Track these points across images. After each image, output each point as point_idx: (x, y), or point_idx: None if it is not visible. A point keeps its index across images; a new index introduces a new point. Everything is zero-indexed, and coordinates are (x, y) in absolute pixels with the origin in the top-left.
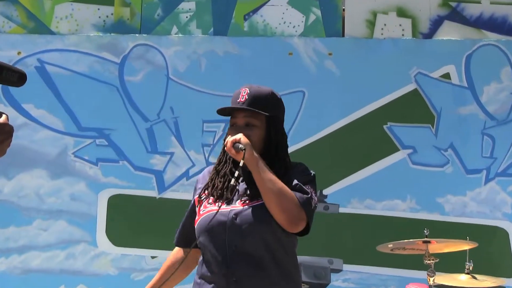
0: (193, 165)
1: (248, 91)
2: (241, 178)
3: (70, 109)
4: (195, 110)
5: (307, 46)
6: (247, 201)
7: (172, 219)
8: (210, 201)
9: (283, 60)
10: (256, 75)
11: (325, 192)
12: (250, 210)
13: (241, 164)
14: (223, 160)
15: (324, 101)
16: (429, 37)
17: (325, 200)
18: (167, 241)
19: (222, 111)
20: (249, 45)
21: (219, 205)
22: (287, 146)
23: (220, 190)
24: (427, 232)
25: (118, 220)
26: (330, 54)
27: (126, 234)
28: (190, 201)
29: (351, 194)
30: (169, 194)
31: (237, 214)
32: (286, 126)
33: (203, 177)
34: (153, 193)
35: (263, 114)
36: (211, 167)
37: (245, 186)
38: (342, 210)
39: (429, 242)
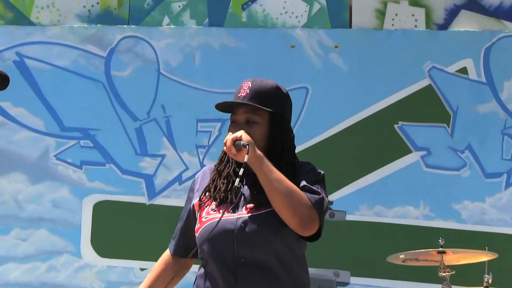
0: (187, 168)
1: (250, 85)
2: (244, 181)
3: (52, 108)
4: (189, 108)
5: (311, 38)
6: (254, 208)
7: (163, 227)
8: (213, 206)
9: (284, 53)
10: (255, 70)
11: (330, 198)
12: (259, 217)
13: (245, 160)
14: (225, 160)
15: (329, 99)
16: (445, 28)
17: (331, 206)
18: (157, 251)
19: (220, 107)
20: (248, 37)
21: (224, 211)
22: (294, 147)
23: (224, 193)
24: (442, 241)
25: (104, 228)
26: (336, 47)
27: (113, 244)
28: (184, 207)
29: (359, 200)
30: (160, 201)
31: (245, 222)
32: None
33: (203, 177)
34: (142, 199)
35: (265, 110)
36: (211, 166)
37: (251, 189)
38: (349, 217)
39: (444, 252)
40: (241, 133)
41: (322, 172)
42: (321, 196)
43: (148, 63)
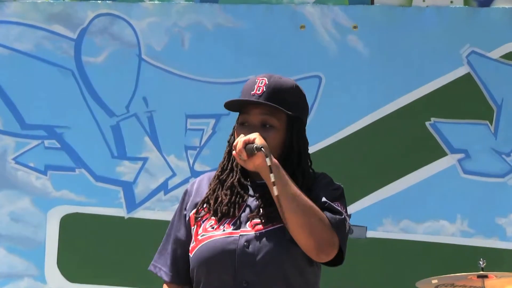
0: (174, 174)
1: (267, 82)
2: (250, 191)
3: (11, 101)
4: (176, 101)
5: (325, 16)
6: (260, 224)
7: (145, 245)
8: (212, 222)
9: (292, 35)
10: (256, 56)
11: (348, 210)
12: (266, 235)
13: (268, 163)
14: (228, 168)
15: (346, 90)
16: (487, 4)
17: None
18: (138, 275)
19: (231, 105)
20: (248, 15)
21: (225, 227)
22: (309, 155)
23: (226, 207)
24: (483, 263)
25: (73, 247)
26: (355, 27)
27: (84, 266)
28: (172, 222)
29: (382, 213)
30: (141, 213)
31: (249, 241)
32: None
33: (199, 187)
34: (120, 212)
35: (285, 113)
36: (210, 174)
37: (257, 203)
38: (370, 234)
39: (485, 276)
40: (255, 135)
41: (341, 186)
42: (343, 216)
43: (127, 46)
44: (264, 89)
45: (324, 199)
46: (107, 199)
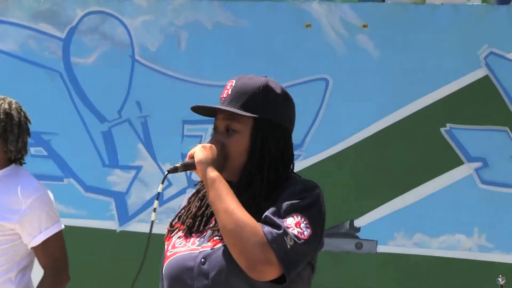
0: (169, 184)
1: (234, 84)
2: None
3: None
4: (172, 106)
5: (332, 14)
6: (219, 238)
7: (138, 261)
8: (182, 236)
9: (297, 35)
10: (258, 57)
11: (357, 223)
12: (221, 251)
13: (159, 189)
14: None
15: (355, 94)
16: (507, 2)
17: (357, 234)
18: None
19: (199, 111)
20: (249, 13)
21: (190, 242)
22: (288, 161)
23: (191, 220)
24: (502, 280)
25: None
26: (364, 26)
27: (73, 283)
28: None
29: (394, 226)
30: (134, 226)
31: (206, 257)
32: (302, 129)
33: (184, 200)
34: (111, 225)
35: (248, 116)
36: None
37: None
38: (381, 248)
39: None
40: (197, 147)
41: (317, 193)
42: (282, 231)
43: (119, 47)
44: (229, 93)
45: (270, 211)
46: (97, 211)
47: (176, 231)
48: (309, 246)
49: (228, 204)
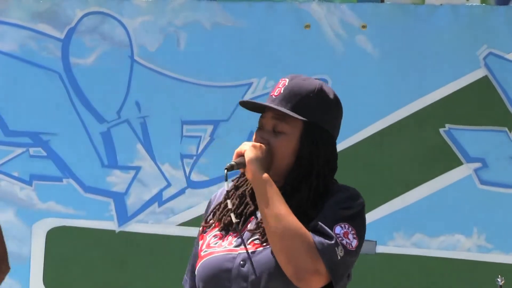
0: (168, 184)
1: (287, 83)
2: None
3: None
4: (171, 106)
5: (332, 15)
6: (259, 241)
7: (137, 261)
8: (218, 234)
9: (296, 35)
10: (257, 57)
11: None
12: (262, 254)
13: (227, 188)
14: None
15: (354, 94)
16: (506, 2)
17: None
18: None
19: (246, 105)
20: (249, 13)
21: (227, 243)
22: (334, 169)
23: (229, 217)
24: (501, 281)
25: (60, 262)
26: (363, 26)
27: (71, 284)
28: (167, 236)
29: (393, 227)
30: (133, 226)
31: (245, 260)
32: None
33: (220, 196)
34: (111, 225)
35: (299, 119)
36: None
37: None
38: (380, 249)
39: None
40: (246, 146)
41: (361, 203)
42: (334, 242)
43: (118, 47)
44: (281, 91)
45: (322, 220)
46: (96, 211)
47: (210, 228)
48: (355, 257)
49: (279, 209)
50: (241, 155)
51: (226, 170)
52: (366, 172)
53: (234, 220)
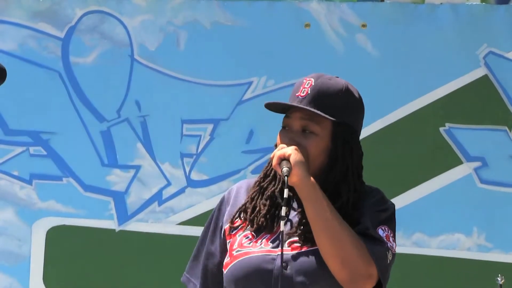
0: (168, 183)
1: (313, 83)
2: (295, 204)
3: None
4: (171, 105)
5: (331, 14)
6: (301, 243)
7: (137, 260)
8: (248, 234)
9: (296, 34)
10: (257, 57)
11: None
12: (306, 256)
13: (285, 195)
14: (271, 174)
15: None
16: (506, 1)
17: None
18: None
19: (271, 106)
20: (248, 13)
21: (262, 243)
22: (361, 169)
23: (263, 219)
24: (501, 280)
25: (60, 262)
26: (363, 26)
27: (71, 283)
28: (167, 235)
29: None
30: (133, 226)
31: (287, 262)
32: None
33: (237, 195)
34: (110, 224)
35: (329, 119)
36: (250, 181)
37: (299, 217)
38: None
39: None
40: (290, 150)
41: (392, 205)
42: (385, 247)
43: (118, 46)
44: (309, 92)
45: (368, 224)
46: (96, 210)
47: (239, 228)
48: (394, 259)
49: (330, 214)
50: (284, 158)
51: (286, 177)
52: (365, 171)
53: (284, 212)
